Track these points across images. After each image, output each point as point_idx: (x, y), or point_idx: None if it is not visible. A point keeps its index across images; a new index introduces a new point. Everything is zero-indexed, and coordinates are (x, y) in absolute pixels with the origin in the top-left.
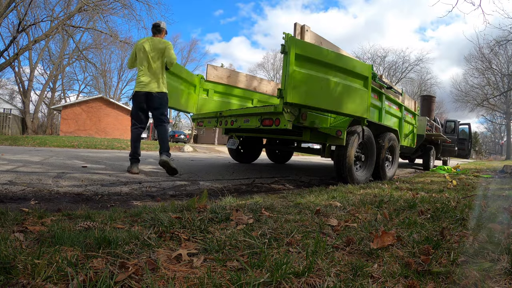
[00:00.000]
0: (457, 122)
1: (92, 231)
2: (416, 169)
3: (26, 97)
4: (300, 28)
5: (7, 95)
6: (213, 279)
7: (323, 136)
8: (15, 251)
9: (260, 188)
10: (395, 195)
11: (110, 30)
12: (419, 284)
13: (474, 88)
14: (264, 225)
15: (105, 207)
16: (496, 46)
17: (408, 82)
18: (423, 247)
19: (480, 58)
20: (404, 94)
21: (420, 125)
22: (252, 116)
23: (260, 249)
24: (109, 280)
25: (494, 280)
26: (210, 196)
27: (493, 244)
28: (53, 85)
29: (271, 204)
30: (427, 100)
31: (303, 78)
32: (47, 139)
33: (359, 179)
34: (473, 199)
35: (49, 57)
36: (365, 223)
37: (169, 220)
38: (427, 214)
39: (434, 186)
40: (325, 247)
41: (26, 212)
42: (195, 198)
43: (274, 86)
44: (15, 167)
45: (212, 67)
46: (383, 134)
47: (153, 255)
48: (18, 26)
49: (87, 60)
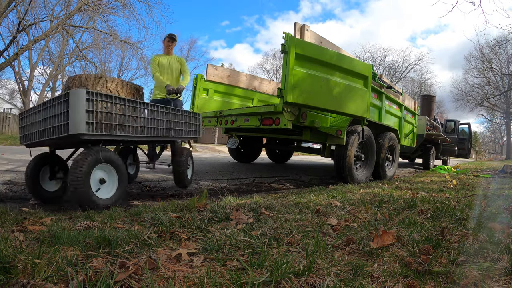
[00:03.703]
0: (457, 121)
1: (92, 231)
2: (416, 168)
3: (26, 96)
4: (300, 28)
5: (7, 94)
6: (213, 279)
7: (323, 136)
8: (15, 250)
9: (260, 188)
10: (395, 194)
11: (110, 29)
12: (419, 284)
13: (474, 88)
14: (264, 225)
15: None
16: (496, 46)
17: (408, 81)
18: (423, 246)
19: (480, 57)
20: (404, 94)
21: (420, 125)
22: (252, 116)
23: (260, 248)
24: (109, 280)
25: (494, 280)
26: (210, 196)
27: (493, 244)
28: (53, 84)
29: (271, 204)
30: (427, 100)
31: (303, 78)
32: None
33: (359, 178)
34: (473, 199)
35: (49, 56)
36: (365, 222)
37: (169, 220)
38: (427, 213)
39: (434, 186)
40: (325, 247)
41: (26, 211)
42: (195, 197)
43: (274, 86)
44: (15, 166)
45: (212, 67)
46: (383, 133)
47: (153, 254)
48: (18, 25)
49: (87, 60)
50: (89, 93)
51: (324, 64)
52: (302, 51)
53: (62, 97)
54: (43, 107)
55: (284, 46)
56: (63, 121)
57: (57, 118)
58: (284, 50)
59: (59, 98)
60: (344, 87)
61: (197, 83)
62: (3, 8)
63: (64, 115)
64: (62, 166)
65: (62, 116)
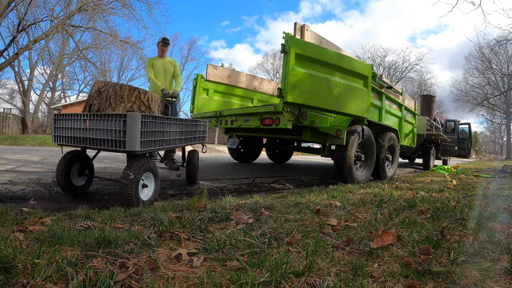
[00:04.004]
0: (457, 121)
1: (92, 231)
2: (416, 168)
3: (26, 96)
4: (300, 28)
5: (7, 94)
6: (213, 279)
7: (323, 136)
8: (15, 250)
9: (260, 188)
10: (395, 194)
11: (110, 29)
12: (419, 284)
13: (474, 88)
14: (264, 225)
15: (105, 207)
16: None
17: (408, 81)
18: (423, 246)
19: (480, 57)
20: (404, 94)
21: (420, 125)
22: (252, 116)
23: (260, 248)
24: (109, 280)
25: (494, 280)
26: (210, 196)
27: (493, 244)
28: (53, 84)
29: (271, 204)
30: (427, 100)
31: (303, 78)
32: (47, 138)
33: (359, 178)
34: (473, 199)
35: (49, 56)
36: (365, 222)
37: (169, 220)
38: (427, 213)
39: (434, 186)
40: (325, 247)
41: (26, 211)
42: (195, 197)
43: (274, 86)
44: (15, 166)
45: (212, 67)
46: (383, 133)
47: (153, 254)
48: (18, 25)
49: (87, 60)
50: (143, 116)
51: (324, 64)
52: (302, 51)
53: (118, 116)
54: (92, 118)
55: (284, 46)
56: (119, 137)
57: (111, 133)
58: (284, 50)
59: (114, 116)
60: (344, 87)
61: (197, 83)
62: (3, 8)
63: (119, 132)
64: (89, 165)
65: (117, 132)
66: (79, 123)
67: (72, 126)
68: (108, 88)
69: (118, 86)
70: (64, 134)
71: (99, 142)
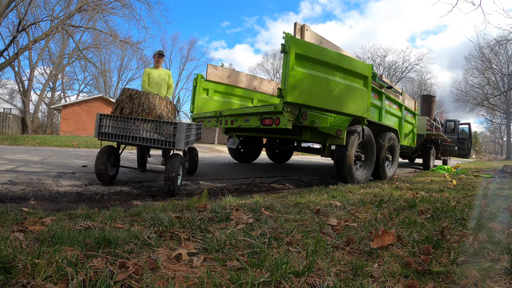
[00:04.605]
0: (457, 121)
1: (92, 231)
2: (416, 168)
3: (26, 96)
4: (300, 28)
5: (7, 94)
6: (213, 279)
7: (323, 136)
8: (15, 250)
9: (260, 188)
10: (395, 194)
11: (110, 29)
12: (419, 284)
13: (474, 88)
14: (264, 225)
15: (105, 207)
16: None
17: (408, 81)
18: (423, 246)
19: (480, 57)
20: (404, 94)
21: (420, 125)
22: (252, 116)
23: (260, 248)
24: (109, 280)
25: (494, 280)
26: (210, 196)
27: (493, 244)
28: (53, 84)
29: (271, 204)
30: (427, 100)
31: (303, 78)
32: (47, 138)
33: (359, 178)
34: (473, 199)
35: (49, 56)
36: (365, 222)
37: (169, 220)
38: (427, 213)
39: (434, 186)
40: (325, 247)
41: (26, 211)
42: (195, 197)
43: (274, 86)
44: (15, 166)
45: (212, 67)
46: (383, 133)
47: (153, 254)
48: (18, 25)
49: (87, 60)
50: (187, 124)
51: (324, 64)
52: (302, 51)
53: (168, 123)
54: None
55: (284, 46)
56: (169, 139)
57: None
58: (284, 50)
59: (164, 123)
60: (344, 87)
61: (197, 83)
62: (3, 8)
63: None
64: (119, 157)
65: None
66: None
67: (121, 126)
68: (140, 96)
69: (150, 96)
70: (111, 132)
71: (150, 141)
